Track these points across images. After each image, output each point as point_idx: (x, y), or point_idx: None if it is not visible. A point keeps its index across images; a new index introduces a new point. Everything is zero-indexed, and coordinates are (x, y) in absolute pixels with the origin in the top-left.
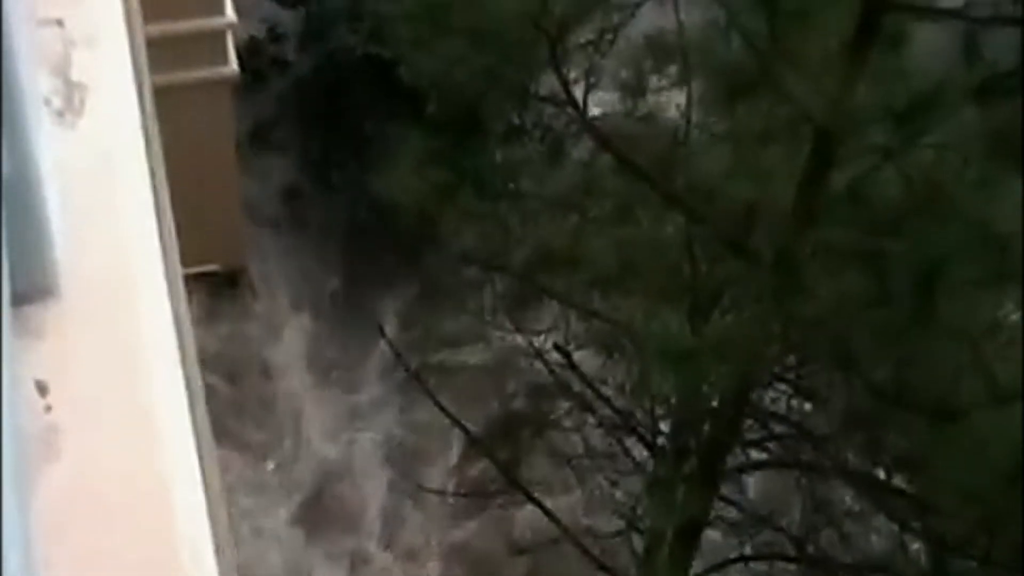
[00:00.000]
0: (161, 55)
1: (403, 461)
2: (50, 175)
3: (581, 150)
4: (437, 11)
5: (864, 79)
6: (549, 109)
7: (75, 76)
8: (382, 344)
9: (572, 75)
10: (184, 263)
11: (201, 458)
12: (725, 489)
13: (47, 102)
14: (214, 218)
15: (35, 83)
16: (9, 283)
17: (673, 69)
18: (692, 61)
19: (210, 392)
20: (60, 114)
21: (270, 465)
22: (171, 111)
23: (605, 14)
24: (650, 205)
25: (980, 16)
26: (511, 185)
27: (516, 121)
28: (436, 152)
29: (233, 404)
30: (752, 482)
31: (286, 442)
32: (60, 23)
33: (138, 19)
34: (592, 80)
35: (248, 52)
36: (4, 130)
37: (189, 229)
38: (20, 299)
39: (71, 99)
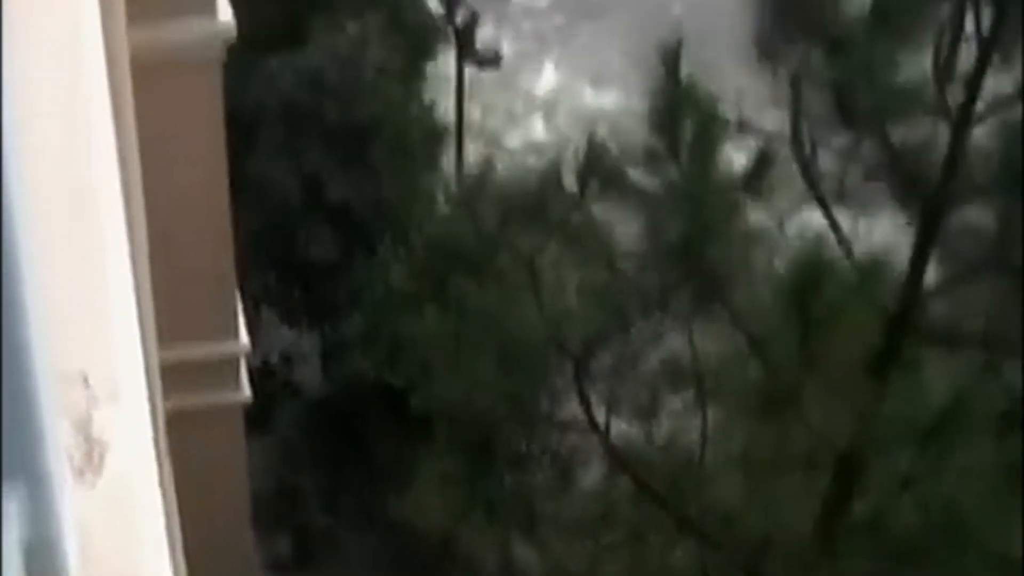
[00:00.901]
0: (173, 380)
1: None
2: (71, 533)
3: (593, 474)
4: (459, 334)
5: (885, 400)
6: (556, 434)
7: (96, 433)
8: None
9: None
10: None
11: None
12: None
13: (69, 458)
14: (225, 543)
15: (58, 441)
16: None
17: (690, 393)
18: (707, 386)
19: None
20: (81, 472)
21: None
22: (182, 435)
23: (624, 343)
24: (664, 529)
25: (996, 347)
26: (524, 509)
27: (525, 447)
28: (450, 476)
29: None
30: None
31: None
32: (86, 381)
33: (155, 362)
34: (611, 404)
35: (261, 376)
36: (30, 493)
37: (199, 551)
38: None
39: (91, 456)
